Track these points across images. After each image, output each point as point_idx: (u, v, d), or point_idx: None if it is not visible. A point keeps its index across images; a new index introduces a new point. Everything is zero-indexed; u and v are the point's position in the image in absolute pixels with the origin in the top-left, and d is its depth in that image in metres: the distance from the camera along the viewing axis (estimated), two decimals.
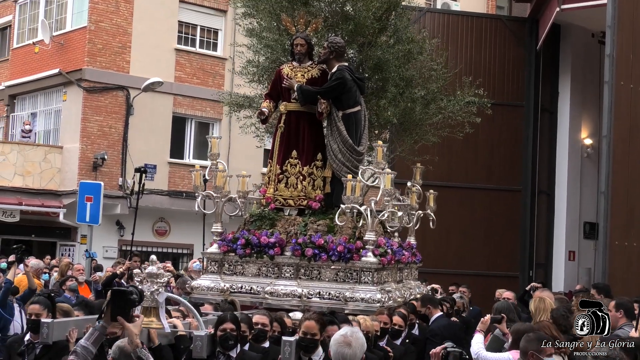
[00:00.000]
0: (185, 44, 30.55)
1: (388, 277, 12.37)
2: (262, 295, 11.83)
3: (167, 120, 29.80)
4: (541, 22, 24.89)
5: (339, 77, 12.60)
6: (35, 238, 28.87)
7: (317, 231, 12.06)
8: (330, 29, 18.05)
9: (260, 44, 19.91)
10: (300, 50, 13.02)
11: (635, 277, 17.39)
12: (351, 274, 11.70)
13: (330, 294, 11.57)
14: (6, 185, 27.96)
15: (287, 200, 12.77)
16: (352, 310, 11.07)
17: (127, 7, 29.37)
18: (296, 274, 11.98)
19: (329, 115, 12.74)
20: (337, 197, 12.51)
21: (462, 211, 24.32)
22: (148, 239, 28.77)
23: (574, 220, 25.75)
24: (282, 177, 12.80)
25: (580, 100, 25.89)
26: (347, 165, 12.47)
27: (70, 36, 29.48)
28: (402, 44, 19.77)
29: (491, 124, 23.96)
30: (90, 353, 5.57)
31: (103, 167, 28.29)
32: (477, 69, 23.31)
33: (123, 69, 29.19)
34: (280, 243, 12.07)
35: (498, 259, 24.49)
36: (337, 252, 11.64)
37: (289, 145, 12.85)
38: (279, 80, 13.07)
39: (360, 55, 19.02)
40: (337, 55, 12.91)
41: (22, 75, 30.97)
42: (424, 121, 20.13)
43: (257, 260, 12.17)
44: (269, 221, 12.52)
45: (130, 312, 5.78)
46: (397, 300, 12.07)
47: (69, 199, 27.30)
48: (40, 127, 30.60)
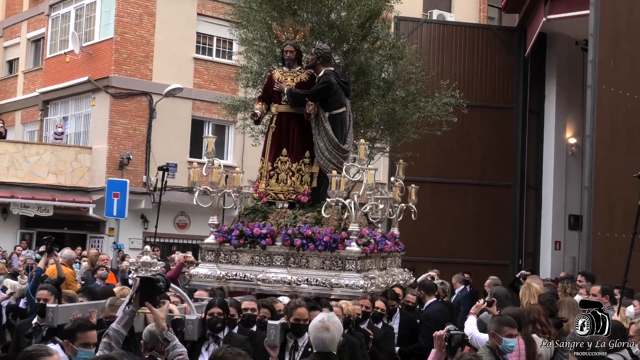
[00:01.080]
0: (202, 54, 30.52)
1: (372, 265, 12.37)
2: (255, 282, 11.85)
3: (186, 123, 29.77)
4: (529, 31, 24.79)
5: (325, 81, 12.58)
6: (67, 231, 28.93)
7: (305, 223, 12.08)
8: (316, 36, 18.07)
9: (252, 51, 19.94)
10: (289, 56, 13.04)
11: (616, 265, 17.20)
12: (336, 262, 11.71)
13: (318, 280, 11.57)
14: (41, 183, 28.00)
15: (277, 195, 12.83)
16: (338, 295, 11.05)
17: (149, 20, 29.34)
18: (286, 262, 12.01)
19: (317, 116, 12.68)
20: (323, 192, 12.56)
21: (456, 205, 24.32)
22: (170, 231, 28.74)
23: (559, 213, 25.68)
24: (273, 173, 12.85)
25: (565, 103, 25.79)
26: (333, 162, 12.48)
27: (98, 47, 29.45)
28: (384, 50, 19.84)
29: (483, 125, 23.96)
30: (121, 335, 5.59)
31: (128, 166, 28.27)
32: (470, 75, 23.26)
33: (146, 77, 29.16)
34: (271, 234, 12.10)
35: (490, 249, 24.43)
36: (324, 242, 11.68)
37: (279, 144, 12.89)
38: (270, 84, 13.10)
39: (345, 60, 19.06)
40: (323, 60, 12.91)
41: (55, 82, 30.96)
42: (404, 120, 20.15)
43: (250, 249, 12.22)
44: (261, 214, 12.58)
45: (157, 298, 5.76)
46: (380, 286, 12.04)
47: (97, 195, 27.27)
48: (72, 129, 30.59)
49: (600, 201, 18.48)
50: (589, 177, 18.50)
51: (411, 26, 23.49)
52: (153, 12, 29.43)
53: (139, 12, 29.13)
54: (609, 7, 19.04)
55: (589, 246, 18.32)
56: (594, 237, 18.27)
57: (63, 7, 31.60)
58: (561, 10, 22.03)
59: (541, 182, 25.82)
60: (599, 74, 18.56)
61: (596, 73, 18.53)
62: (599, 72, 18.56)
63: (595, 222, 18.33)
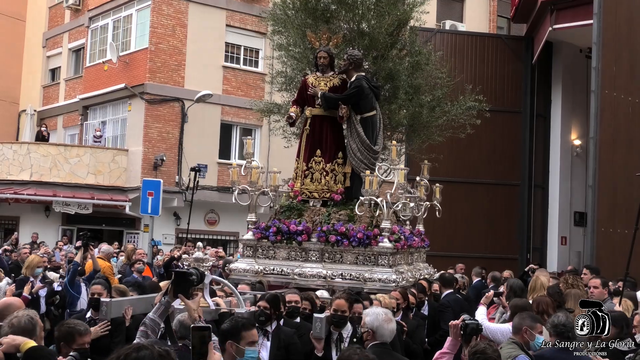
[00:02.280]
0: (231, 62, 30.52)
1: (401, 260, 12.27)
2: (291, 276, 11.77)
3: (216, 126, 29.81)
4: (536, 40, 24.70)
5: (357, 85, 12.48)
6: (105, 227, 29.04)
7: (339, 220, 11.99)
8: (348, 43, 17.88)
9: (288, 56, 19.84)
10: (323, 62, 12.89)
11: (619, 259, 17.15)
12: (369, 258, 11.60)
13: (351, 275, 11.47)
14: (81, 183, 28.11)
15: (312, 193, 12.72)
16: (370, 289, 10.97)
17: (182, 31, 29.41)
18: (321, 257, 11.90)
19: (349, 119, 12.62)
20: (356, 190, 12.42)
21: (467, 203, 24.26)
22: (200, 227, 28.78)
23: (565, 210, 25.58)
24: (308, 173, 12.74)
25: (570, 107, 25.69)
26: (364, 163, 12.37)
27: (134, 56, 29.55)
28: (411, 56, 19.71)
29: (493, 128, 23.86)
30: (157, 325, 5.52)
31: (162, 167, 28.32)
32: (481, 81, 23.14)
33: (179, 84, 29.21)
34: (307, 231, 12.00)
35: (499, 244, 24.38)
36: (357, 239, 11.57)
37: (313, 145, 12.77)
38: (304, 88, 12.95)
39: (374, 66, 18.83)
40: (355, 66, 12.81)
41: (94, 89, 31.07)
42: (430, 123, 20.01)
43: (287, 245, 12.11)
44: (297, 211, 12.48)
45: (190, 290, 5.71)
46: (409, 280, 11.97)
47: (133, 194, 27.35)
48: (109, 133, 30.70)
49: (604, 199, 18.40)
50: (593, 176, 18.42)
51: (425, 36, 23.43)
52: (185, 24, 29.50)
53: (172, 24, 29.20)
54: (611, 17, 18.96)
55: (594, 241, 18.26)
56: (598, 233, 18.20)
57: (102, 20, 31.73)
58: (566, 20, 21.95)
59: (548, 181, 25.73)
60: (602, 80, 18.48)
61: (599, 79, 18.46)
62: (602, 78, 18.49)
63: (599, 219, 18.25)
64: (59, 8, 35.38)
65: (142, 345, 3.66)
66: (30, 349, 5.47)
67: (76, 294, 11.92)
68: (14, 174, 28.18)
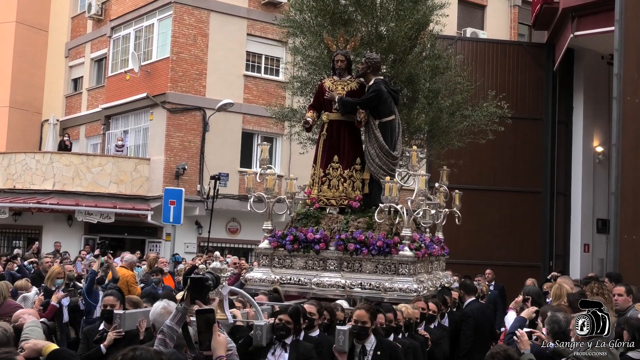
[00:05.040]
0: (252, 71, 30.68)
1: (421, 269, 11.97)
2: (309, 286, 11.46)
3: (237, 135, 29.94)
4: (557, 47, 24.63)
5: (375, 89, 12.18)
6: (128, 236, 29.21)
7: (357, 228, 11.69)
8: (366, 47, 17.61)
9: (304, 60, 19.63)
10: (340, 65, 12.60)
11: None
12: (389, 267, 11.31)
13: (371, 284, 11.16)
14: (103, 192, 28.32)
15: (329, 200, 12.41)
16: (390, 299, 10.70)
17: (203, 40, 29.58)
18: (339, 266, 11.60)
19: (367, 124, 12.35)
20: (374, 197, 12.14)
21: (490, 210, 24.20)
22: (222, 236, 28.90)
23: (587, 217, 25.43)
24: (325, 180, 12.42)
25: (591, 114, 25.57)
26: (383, 169, 12.10)
27: (155, 65, 29.74)
28: (430, 60, 19.50)
29: (515, 135, 23.82)
30: (174, 332, 5.44)
31: (184, 176, 28.48)
32: (502, 88, 23.09)
33: (200, 93, 29.38)
34: (324, 239, 11.70)
35: (522, 251, 24.29)
36: (377, 247, 11.29)
37: (331, 151, 12.46)
38: (321, 92, 12.67)
39: (393, 70, 18.60)
40: (373, 69, 12.52)
41: (116, 99, 31.30)
42: (450, 128, 19.86)
43: (304, 254, 11.80)
44: (314, 219, 12.15)
45: (207, 295, 5.68)
46: (430, 289, 11.67)
47: (155, 202, 27.51)
48: (131, 142, 30.90)
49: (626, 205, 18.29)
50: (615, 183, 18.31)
51: (447, 43, 23.43)
52: (206, 33, 29.67)
53: (193, 33, 29.38)
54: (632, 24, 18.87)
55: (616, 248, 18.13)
56: (621, 240, 18.08)
57: (123, 30, 31.98)
58: (587, 26, 21.87)
59: (570, 188, 25.60)
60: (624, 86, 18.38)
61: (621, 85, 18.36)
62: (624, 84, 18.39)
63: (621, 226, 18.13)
64: (81, 18, 35.69)
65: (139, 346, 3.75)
66: (52, 352, 5.51)
67: (93, 302, 12.00)
68: (37, 184, 28.42)
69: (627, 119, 18.33)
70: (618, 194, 18.16)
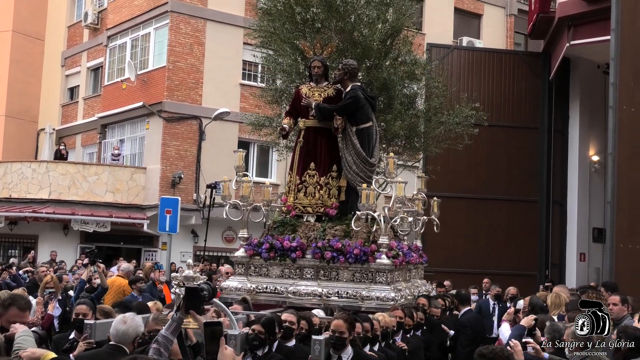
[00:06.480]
0: (248, 80, 30.65)
1: (399, 277, 11.86)
2: (285, 294, 11.33)
3: (233, 144, 29.82)
4: (553, 56, 24.69)
5: (352, 96, 12.07)
6: (124, 245, 29.15)
7: (334, 236, 11.55)
8: (341, 53, 17.54)
9: (276, 69, 19.56)
10: (317, 71, 12.50)
11: (638, 275, 17.09)
12: (367, 275, 11.19)
13: (348, 293, 11.05)
14: (99, 201, 28.27)
15: (306, 208, 12.30)
16: (367, 308, 10.64)
17: (199, 49, 29.59)
18: (316, 275, 11.48)
19: (344, 131, 12.18)
20: (352, 205, 11.98)
21: (486, 219, 24.23)
22: (218, 245, 28.81)
23: (583, 226, 25.46)
24: (302, 187, 12.30)
25: (587, 123, 25.61)
26: (360, 176, 11.95)
27: (152, 74, 29.74)
28: (406, 65, 19.45)
29: (510, 144, 23.87)
30: (169, 341, 5.39)
31: (180, 185, 28.46)
32: (498, 97, 23.17)
33: (196, 102, 29.37)
34: (301, 247, 11.57)
35: (518, 260, 24.32)
36: (354, 255, 11.14)
37: (307, 158, 12.35)
38: (297, 99, 12.57)
39: (368, 76, 18.54)
40: (350, 75, 12.40)
41: (112, 107, 31.27)
42: (426, 134, 19.82)
43: (281, 262, 11.67)
44: (290, 227, 12.01)
45: (202, 306, 5.64)
46: (408, 297, 11.56)
47: (151, 211, 27.45)
48: (127, 151, 30.87)
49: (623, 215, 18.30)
50: (611, 192, 18.33)
51: (443, 52, 23.49)
52: (202, 42, 29.68)
53: (190, 42, 29.38)
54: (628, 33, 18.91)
55: (612, 258, 18.14)
56: (617, 249, 18.08)
57: (120, 38, 31.97)
58: (584, 36, 21.93)
59: (566, 197, 25.64)
60: (620, 96, 18.42)
61: (617, 94, 18.39)
62: (620, 93, 18.42)
63: (617, 235, 18.14)
64: (77, 27, 35.68)
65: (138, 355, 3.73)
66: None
67: None
68: (33, 193, 28.38)
69: (623, 128, 18.35)
70: (614, 203, 18.18)
